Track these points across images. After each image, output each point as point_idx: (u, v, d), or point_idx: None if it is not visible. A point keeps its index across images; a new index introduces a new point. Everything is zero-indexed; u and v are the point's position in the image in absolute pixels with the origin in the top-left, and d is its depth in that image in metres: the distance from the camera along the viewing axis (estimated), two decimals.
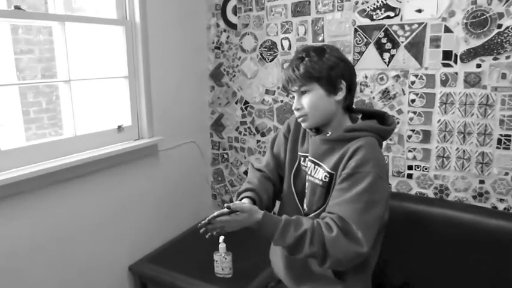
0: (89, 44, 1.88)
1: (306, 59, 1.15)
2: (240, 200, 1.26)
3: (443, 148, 1.77)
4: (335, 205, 1.10)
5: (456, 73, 1.68)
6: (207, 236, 1.20)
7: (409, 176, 1.87)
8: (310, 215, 1.21)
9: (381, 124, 1.21)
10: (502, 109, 1.62)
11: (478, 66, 1.64)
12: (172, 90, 2.13)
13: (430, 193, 1.84)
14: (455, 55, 1.67)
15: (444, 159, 1.77)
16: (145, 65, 1.93)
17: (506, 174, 1.66)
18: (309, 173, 1.23)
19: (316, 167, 1.20)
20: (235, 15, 2.17)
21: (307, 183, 1.23)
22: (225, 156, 2.39)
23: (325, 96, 1.16)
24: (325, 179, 1.17)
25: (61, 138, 1.66)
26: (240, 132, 2.31)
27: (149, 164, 2.04)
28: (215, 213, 1.13)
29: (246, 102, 2.24)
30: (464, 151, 1.73)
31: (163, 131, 2.06)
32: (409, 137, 1.83)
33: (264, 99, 2.18)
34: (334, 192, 1.14)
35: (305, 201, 1.24)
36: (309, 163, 1.23)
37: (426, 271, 1.65)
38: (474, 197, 1.75)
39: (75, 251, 1.72)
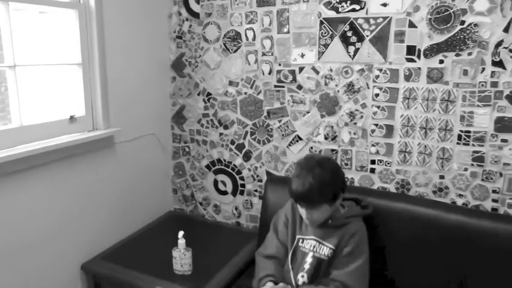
0: (39, 29, 1.75)
1: (310, 180, 1.40)
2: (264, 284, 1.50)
3: (406, 143, 1.77)
4: (341, 275, 1.45)
5: (419, 68, 1.69)
6: None
7: (372, 170, 1.87)
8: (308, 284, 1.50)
9: (356, 204, 1.61)
10: (462, 105, 1.64)
11: (441, 62, 1.65)
12: (131, 79, 2.03)
13: (392, 188, 1.85)
14: (419, 50, 1.67)
15: (406, 154, 1.78)
16: (101, 52, 1.81)
17: (466, 169, 1.69)
18: (313, 250, 1.51)
19: (321, 245, 1.50)
20: (198, 3, 2.09)
21: (310, 260, 1.51)
22: (187, 149, 2.31)
23: (329, 207, 1.47)
24: (330, 254, 1.48)
25: (6, 128, 1.53)
26: (202, 125, 2.23)
27: (105, 157, 1.93)
28: None
29: (209, 94, 2.17)
30: (425, 146, 1.74)
31: (120, 123, 1.95)
32: (373, 131, 1.82)
33: (227, 91, 2.12)
34: (337, 264, 1.47)
35: (303, 274, 1.51)
36: (313, 242, 1.52)
37: (388, 265, 1.66)
38: (434, 192, 1.77)
39: (23, 249, 1.60)
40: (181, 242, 1.73)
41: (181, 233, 1.73)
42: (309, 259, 1.51)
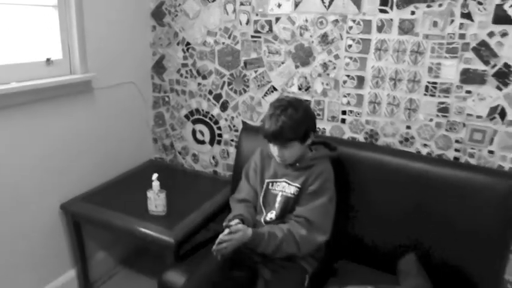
0: None
1: (283, 118, 1.47)
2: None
3: (376, 94, 1.82)
4: (304, 211, 1.53)
5: (391, 19, 1.71)
6: (219, 258, 1.47)
7: (343, 120, 1.92)
8: (275, 221, 1.58)
9: (325, 146, 1.69)
10: (431, 57, 1.68)
11: (412, 13, 1.67)
12: (110, 25, 2.03)
13: (361, 138, 1.91)
14: (392, 1, 1.69)
15: (376, 104, 1.83)
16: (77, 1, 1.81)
17: (431, 120, 1.75)
18: (282, 190, 1.60)
19: (289, 186, 1.59)
20: None
21: (279, 198, 1.59)
22: (166, 99, 2.35)
23: (300, 145, 1.54)
24: (296, 192, 1.57)
25: None
26: (181, 75, 2.26)
27: (83, 102, 1.97)
28: (220, 237, 1.44)
29: (188, 44, 2.19)
30: (394, 97, 1.79)
31: (98, 69, 1.98)
32: (344, 82, 1.86)
33: (205, 41, 2.13)
34: (302, 201, 1.55)
35: (272, 212, 1.60)
36: (283, 184, 1.61)
37: (358, 210, 1.74)
38: (401, 142, 1.83)
39: (2, 186, 1.66)
40: (155, 184, 1.80)
41: (155, 175, 1.80)
42: (278, 199, 1.60)
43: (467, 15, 1.58)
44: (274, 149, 1.56)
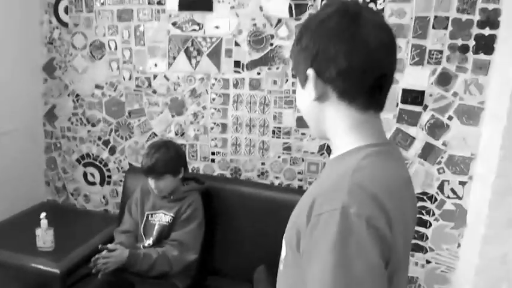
0: None
1: (157, 155, 1.81)
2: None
3: (236, 137, 2.24)
4: (177, 235, 1.84)
5: (243, 78, 2.16)
6: (99, 277, 1.73)
7: (213, 160, 2.31)
8: (153, 246, 1.87)
9: (196, 181, 2.02)
10: (274, 107, 2.15)
11: (258, 73, 2.14)
12: (3, 80, 2.24)
13: (228, 174, 2.30)
14: (243, 64, 2.15)
15: (237, 146, 2.25)
16: None
17: (279, 157, 2.20)
18: (158, 220, 1.90)
19: (165, 216, 1.90)
20: (67, 14, 2.37)
21: (156, 227, 1.89)
22: (58, 144, 2.56)
23: (173, 178, 1.86)
24: (170, 221, 1.88)
25: None
26: (72, 123, 2.50)
27: None
28: (97, 255, 1.72)
29: (78, 95, 2.45)
30: (250, 140, 2.22)
31: None
32: (212, 128, 2.26)
33: (94, 93, 2.42)
34: (176, 228, 1.86)
35: (150, 239, 1.89)
36: (159, 215, 1.91)
37: (225, 232, 2.09)
38: (258, 176, 2.25)
39: None
40: (43, 221, 1.99)
41: (43, 214, 1.99)
42: (156, 227, 1.90)
43: (295, 76, 2.08)
44: (151, 182, 1.87)
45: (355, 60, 0.71)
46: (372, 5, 1.90)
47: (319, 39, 0.73)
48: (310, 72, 0.75)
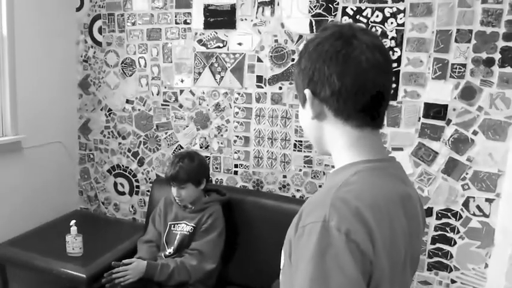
0: None
1: (181, 164, 1.89)
2: None
3: (258, 150, 2.28)
4: (197, 244, 1.89)
5: (266, 93, 2.21)
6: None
7: (235, 172, 2.35)
8: (173, 255, 1.93)
9: (217, 193, 2.08)
10: (296, 121, 2.17)
11: (280, 88, 2.18)
12: (41, 95, 2.40)
13: (250, 186, 2.34)
14: (265, 79, 2.20)
15: (259, 159, 2.28)
16: (11, 72, 2.18)
17: (300, 170, 2.21)
18: (180, 230, 1.95)
19: (187, 226, 1.95)
20: (101, 34, 2.52)
21: (178, 237, 1.94)
22: (91, 156, 2.69)
23: (195, 188, 1.93)
24: (191, 230, 1.93)
25: None
26: (104, 135, 2.63)
27: (13, 160, 2.28)
28: (111, 271, 1.78)
29: (110, 110, 2.59)
30: (272, 153, 2.25)
31: (29, 131, 2.31)
32: (235, 141, 2.32)
33: (124, 108, 2.55)
34: (196, 237, 1.91)
35: (171, 248, 1.95)
36: (181, 225, 1.97)
37: (241, 245, 2.13)
38: (280, 188, 2.27)
39: None
40: (73, 228, 2.10)
41: (73, 221, 2.10)
42: (177, 237, 1.96)
43: None
44: (173, 190, 1.95)
45: (347, 80, 0.74)
46: (391, 20, 1.91)
47: (315, 61, 0.77)
48: (307, 92, 0.79)
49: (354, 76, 0.74)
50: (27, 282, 2.43)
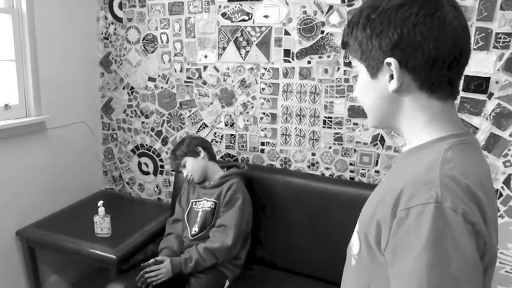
0: None
1: (174, 147, 2.01)
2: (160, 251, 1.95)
3: (286, 127, 2.20)
4: (222, 220, 1.86)
5: (293, 67, 2.12)
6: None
7: (262, 150, 2.29)
8: (199, 234, 1.91)
9: (236, 167, 2.06)
10: (325, 97, 2.09)
11: (309, 62, 2.08)
12: (62, 74, 2.36)
13: (277, 164, 2.28)
14: (293, 53, 2.11)
15: (287, 136, 2.21)
16: (32, 50, 2.13)
17: (330, 148, 2.14)
18: (201, 207, 1.94)
19: (208, 202, 1.94)
20: (121, 9, 2.45)
21: (200, 213, 1.93)
22: (114, 136, 2.66)
23: (195, 159, 1.98)
24: (212, 206, 1.92)
25: None
26: (127, 115, 2.59)
27: (38, 140, 2.25)
28: (146, 269, 1.76)
29: (132, 88, 2.53)
30: (300, 130, 2.18)
31: (52, 111, 2.28)
32: (261, 118, 2.25)
33: (147, 86, 2.49)
34: (220, 214, 1.89)
35: (194, 226, 1.92)
36: (203, 202, 1.96)
37: (269, 225, 2.09)
38: (308, 167, 2.21)
39: None
40: (101, 209, 2.08)
41: (100, 202, 2.08)
42: (199, 214, 1.94)
43: (349, 64, 2.01)
44: (183, 172, 2.00)
45: (444, 47, 0.67)
46: None
47: (401, 24, 0.68)
48: (392, 61, 0.69)
49: (451, 43, 0.67)
50: (56, 264, 2.44)
